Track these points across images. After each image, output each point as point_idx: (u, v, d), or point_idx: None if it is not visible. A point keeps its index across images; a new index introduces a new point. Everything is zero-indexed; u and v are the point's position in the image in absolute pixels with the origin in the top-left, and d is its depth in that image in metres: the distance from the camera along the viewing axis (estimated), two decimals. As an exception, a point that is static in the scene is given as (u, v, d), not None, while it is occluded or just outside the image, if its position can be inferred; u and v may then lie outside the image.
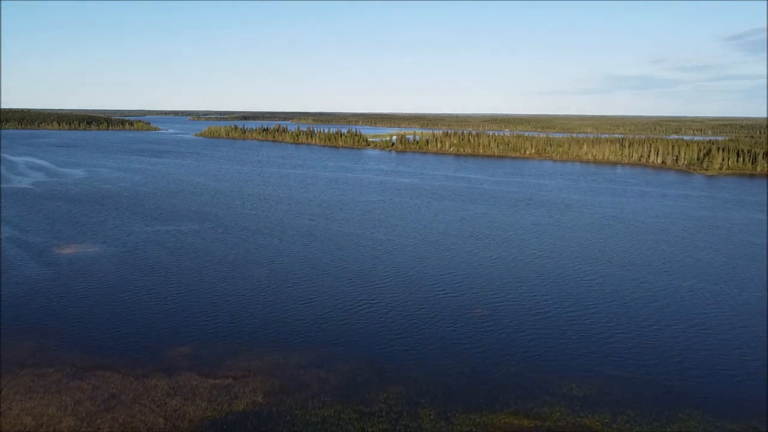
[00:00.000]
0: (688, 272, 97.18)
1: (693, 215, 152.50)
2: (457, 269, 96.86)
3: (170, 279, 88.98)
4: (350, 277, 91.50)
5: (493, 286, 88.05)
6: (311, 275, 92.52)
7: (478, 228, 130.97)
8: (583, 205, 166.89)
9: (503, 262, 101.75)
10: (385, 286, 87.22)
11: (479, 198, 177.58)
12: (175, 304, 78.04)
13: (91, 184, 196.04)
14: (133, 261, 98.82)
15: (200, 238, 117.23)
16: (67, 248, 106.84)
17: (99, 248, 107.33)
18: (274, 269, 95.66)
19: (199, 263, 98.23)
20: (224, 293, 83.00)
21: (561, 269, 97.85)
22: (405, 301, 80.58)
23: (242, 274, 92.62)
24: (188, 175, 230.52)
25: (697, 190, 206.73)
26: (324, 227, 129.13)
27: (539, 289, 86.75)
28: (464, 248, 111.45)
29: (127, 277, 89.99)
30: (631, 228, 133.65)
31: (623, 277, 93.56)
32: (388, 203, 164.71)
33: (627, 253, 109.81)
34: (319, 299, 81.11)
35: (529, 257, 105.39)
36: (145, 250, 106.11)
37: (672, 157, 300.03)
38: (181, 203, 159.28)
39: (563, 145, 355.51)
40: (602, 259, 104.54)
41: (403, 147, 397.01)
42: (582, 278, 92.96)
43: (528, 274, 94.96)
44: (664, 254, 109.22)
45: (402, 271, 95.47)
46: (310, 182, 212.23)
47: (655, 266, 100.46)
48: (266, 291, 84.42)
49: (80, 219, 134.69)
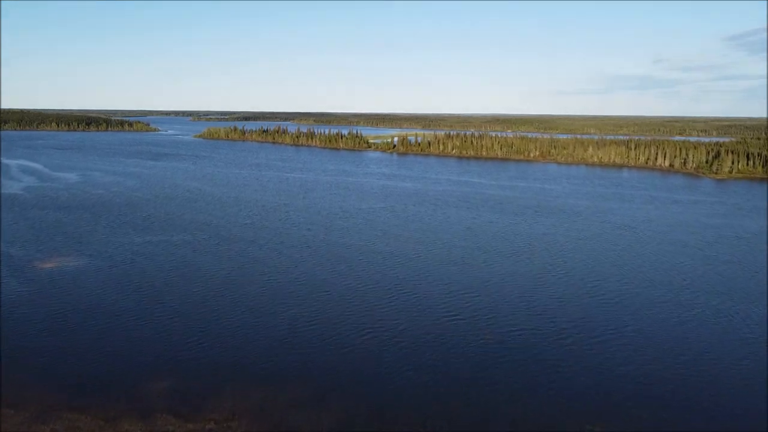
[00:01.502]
0: (712, 289, 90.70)
1: (708, 223, 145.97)
2: (464, 287, 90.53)
3: (154, 300, 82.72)
4: (349, 298, 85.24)
5: (502, 307, 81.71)
6: (307, 295, 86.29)
7: (484, 239, 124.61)
8: (592, 212, 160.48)
9: (513, 279, 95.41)
10: (386, 309, 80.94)
11: (484, 205, 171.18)
12: (157, 330, 71.80)
13: (83, 190, 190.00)
14: (117, 278, 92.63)
15: (192, 250, 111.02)
16: (49, 262, 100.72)
17: (83, 262, 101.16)
18: (267, 288, 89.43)
19: (188, 281, 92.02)
20: (211, 317, 76.75)
21: (575, 287, 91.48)
22: (408, 326, 74.30)
23: (232, 294, 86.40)
24: (184, 179, 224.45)
25: (709, 196, 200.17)
26: (323, 238, 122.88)
27: (552, 311, 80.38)
28: (471, 262, 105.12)
29: (108, 297, 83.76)
30: (645, 239, 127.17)
31: (643, 297, 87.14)
32: (390, 211, 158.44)
33: (644, 268, 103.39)
34: (315, 324, 74.86)
35: (540, 273, 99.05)
36: (131, 265, 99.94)
37: (680, 160, 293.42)
38: (175, 211, 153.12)
39: (568, 147, 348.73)
40: (618, 276, 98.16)
41: (404, 149, 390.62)
42: (599, 298, 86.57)
43: (539, 292, 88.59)
44: (683, 269, 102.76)
45: (405, 290, 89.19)
46: (309, 187, 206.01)
47: (677, 283, 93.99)
48: (257, 314, 78.17)
49: (67, 228, 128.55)
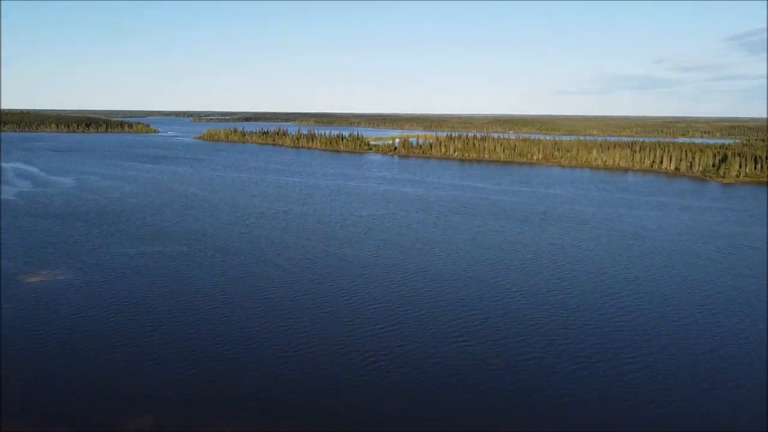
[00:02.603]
0: (731, 308, 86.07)
1: (720, 232, 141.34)
2: (470, 306, 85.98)
3: (142, 321, 78.09)
4: (349, 318, 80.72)
5: (510, 328, 77.16)
6: (304, 316, 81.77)
7: (490, 250, 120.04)
8: (599, 219, 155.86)
9: (521, 296, 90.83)
10: (388, 331, 76.39)
11: (488, 211, 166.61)
12: (142, 356, 67.24)
13: (78, 196, 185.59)
14: (105, 295, 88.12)
15: (185, 263, 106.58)
16: (35, 276, 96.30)
17: (70, 276, 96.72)
18: (262, 308, 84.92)
19: (179, 298, 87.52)
20: (202, 341, 72.21)
21: (587, 306, 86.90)
22: (411, 351, 69.78)
23: (225, 314, 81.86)
24: (181, 184, 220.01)
25: (717, 201, 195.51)
26: (322, 250, 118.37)
27: (564, 334, 75.79)
28: (477, 276, 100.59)
29: (94, 316, 79.26)
30: (657, 249, 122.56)
31: (659, 316, 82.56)
32: (391, 219, 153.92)
33: (658, 282, 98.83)
34: (311, 350, 70.36)
35: (549, 289, 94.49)
36: (121, 281, 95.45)
37: (686, 164, 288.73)
38: (170, 219, 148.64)
39: (571, 149, 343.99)
40: (631, 292, 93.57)
41: (406, 151, 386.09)
42: (613, 320, 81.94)
43: (549, 312, 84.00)
44: (699, 284, 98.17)
45: (407, 309, 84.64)
46: (308, 193, 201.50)
47: (694, 301, 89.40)
48: (251, 337, 73.65)
49: (58, 238, 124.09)
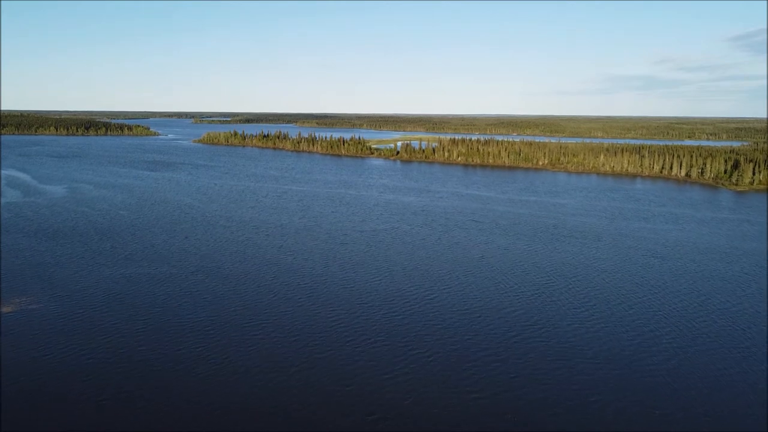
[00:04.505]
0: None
1: (743, 249, 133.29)
2: (481, 344, 78.24)
3: (123, 364, 70.37)
4: (349, 357, 73.03)
5: (527, 373, 69.42)
6: (300, 354, 74.09)
7: (500, 273, 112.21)
8: (613, 235, 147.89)
9: (535, 332, 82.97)
10: (390, 378, 68.67)
11: (495, 225, 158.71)
12: (118, 405, 59.57)
13: (67, 207, 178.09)
14: (82, 327, 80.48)
15: (174, 287, 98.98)
16: (8, 305, 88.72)
17: (46, 305, 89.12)
18: (255, 345, 77.22)
19: (163, 332, 79.84)
20: (187, 384, 64.59)
21: (609, 344, 79.08)
22: (417, 400, 62.07)
23: (214, 353, 74.17)
24: (177, 193, 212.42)
25: (734, 212, 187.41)
26: (322, 272, 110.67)
27: (586, 383, 68.05)
28: (489, 306, 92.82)
29: (68, 355, 71.56)
30: (678, 270, 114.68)
31: (694, 356, 74.74)
32: (394, 235, 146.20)
33: (687, 312, 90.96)
34: (305, 396, 62.71)
35: (567, 321, 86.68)
36: (102, 311, 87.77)
37: (697, 170, 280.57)
38: (161, 235, 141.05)
39: (578, 154, 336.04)
40: (659, 325, 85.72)
41: (408, 156, 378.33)
42: (640, 361, 74.10)
43: (567, 352, 76.20)
44: (731, 314, 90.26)
45: (414, 347, 76.91)
46: (308, 203, 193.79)
47: (727, 334, 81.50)
48: (240, 381, 65.95)
49: (38, 259, 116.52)
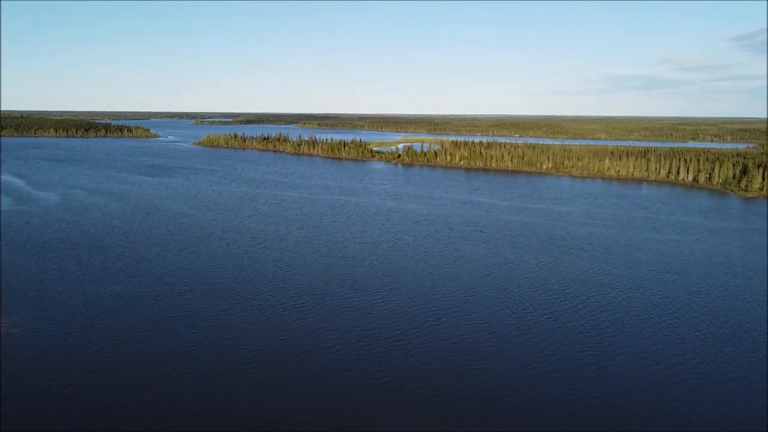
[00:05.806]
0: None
1: (761, 264, 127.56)
2: (492, 372, 72.92)
3: (97, 396, 65.20)
4: (350, 388, 67.76)
5: (539, 403, 64.07)
6: (298, 387, 68.83)
7: (508, 291, 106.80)
8: (623, 247, 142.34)
9: (549, 359, 77.52)
10: (394, 405, 63.40)
11: (500, 236, 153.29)
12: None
13: (59, 216, 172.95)
14: (64, 356, 75.21)
15: (162, 308, 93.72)
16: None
17: (24, 330, 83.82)
18: (246, 378, 71.95)
19: (147, 363, 74.56)
20: (172, 421, 59.33)
21: (628, 374, 73.72)
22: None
23: (202, 385, 68.94)
24: (172, 201, 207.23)
25: (746, 222, 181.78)
26: (322, 291, 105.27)
27: (608, 417, 62.73)
28: (499, 332, 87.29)
29: (44, 389, 66.33)
30: (695, 288, 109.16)
31: (726, 391, 69.39)
32: (396, 247, 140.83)
33: (708, 338, 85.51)
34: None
35: (580, 348, 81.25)
36: (85, 336, 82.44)
37: (705, 175, 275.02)
38: (154, 247, 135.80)
39: (582, 158, 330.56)
40: (682, 353, 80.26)
41: (410, 159, 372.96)
42: (665, 395, 68.80)
43: (584, 383, 70.85)
44: (758, 339, 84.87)
45: (417, 379, 71.60)
46: (307, 211, 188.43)
47: (757, 360, 76.18)
48: (233, 418, 60.71)
49: (23, 276, 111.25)
